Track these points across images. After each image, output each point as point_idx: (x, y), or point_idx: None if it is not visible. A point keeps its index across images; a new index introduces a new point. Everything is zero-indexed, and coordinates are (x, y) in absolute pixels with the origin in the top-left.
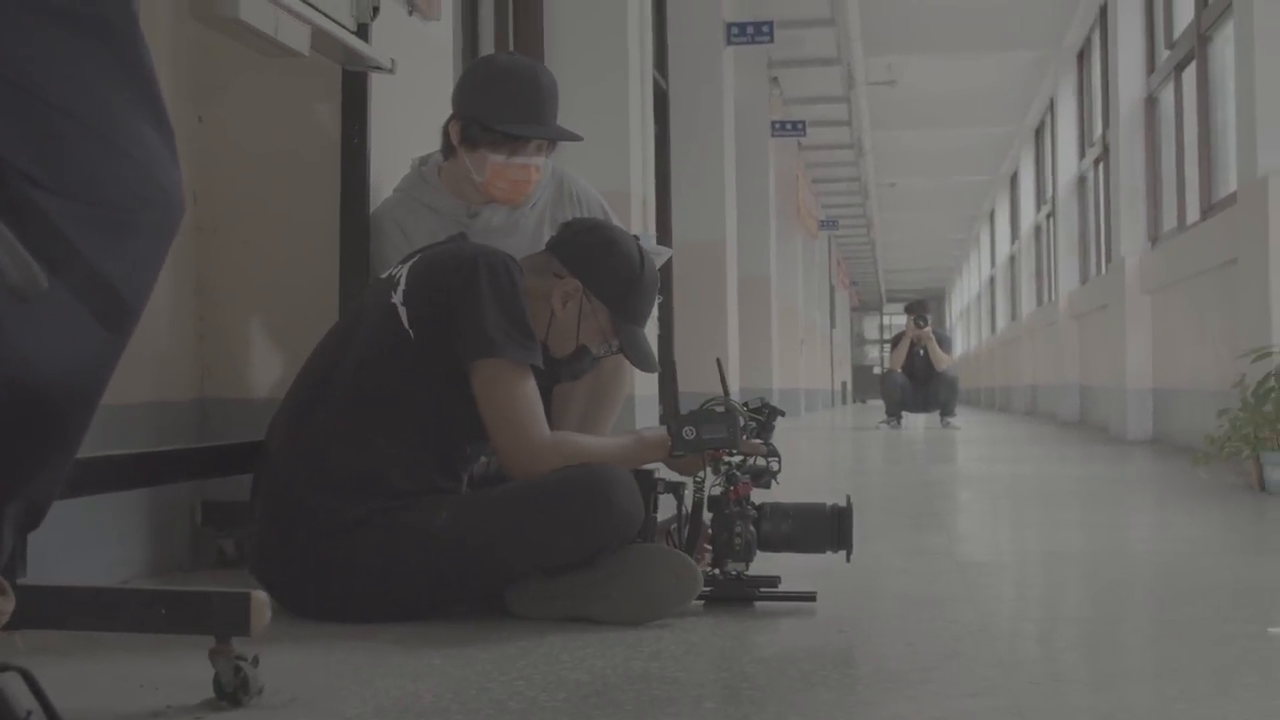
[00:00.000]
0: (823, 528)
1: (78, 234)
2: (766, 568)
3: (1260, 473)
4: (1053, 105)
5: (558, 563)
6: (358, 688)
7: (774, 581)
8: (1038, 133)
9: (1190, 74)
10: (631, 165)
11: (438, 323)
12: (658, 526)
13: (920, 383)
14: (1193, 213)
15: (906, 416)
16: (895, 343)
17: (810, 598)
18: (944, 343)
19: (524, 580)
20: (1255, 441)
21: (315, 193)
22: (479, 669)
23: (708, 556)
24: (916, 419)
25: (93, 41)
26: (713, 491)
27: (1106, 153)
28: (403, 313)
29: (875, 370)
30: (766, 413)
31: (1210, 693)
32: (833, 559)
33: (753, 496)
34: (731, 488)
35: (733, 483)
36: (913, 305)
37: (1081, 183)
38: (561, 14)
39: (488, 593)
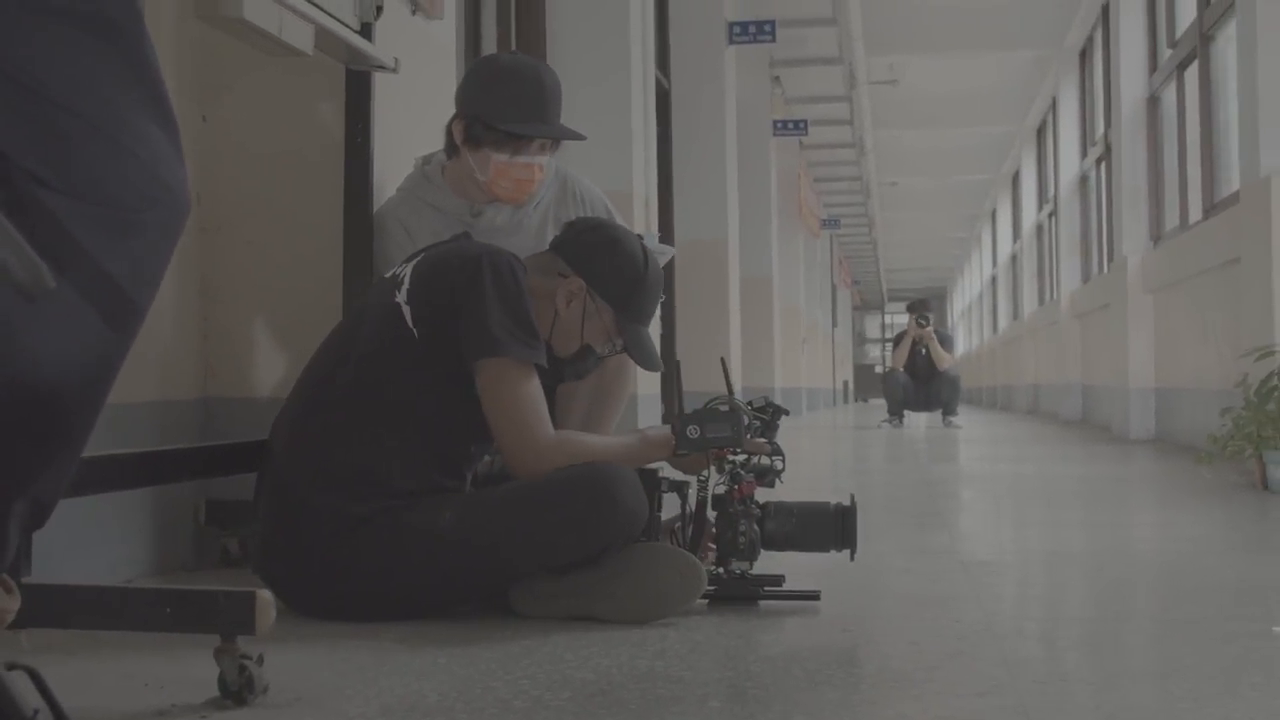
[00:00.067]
0: (827, 527)
1: (84, 233)
2: (770, 566)
3: (1263, 472)
4: (1055, 104)
5: (562, 562)
6: (362, 687)
7: (778, 580)
8: (1039, 132)
9: (1192, 73)
10: (634, 165)
11: (442, 322)
12: (662, 525)
13: (922, 382)
14: (1195, 212)
15: (908, 416)
16: (897, 342)
17: (814, 597)
18: (945, 342)
19: (528, 579)
20: (1258, 440)
21: (319, 192)
22: (483, 668)
23: (712, 555)
24: (918, 418)
25: (98, 41)
26: (717, 490)
27: (1108, 152)
28: (407, 312)
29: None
30: (771, 411)
31: (1216, 692)
32: (835, 558)
33: (757, 495)
34: (736, 486)
35: (737, 481)
36: (914, 304)
37: (1083, 182)
38: (564, 13)
39: (492, 592)
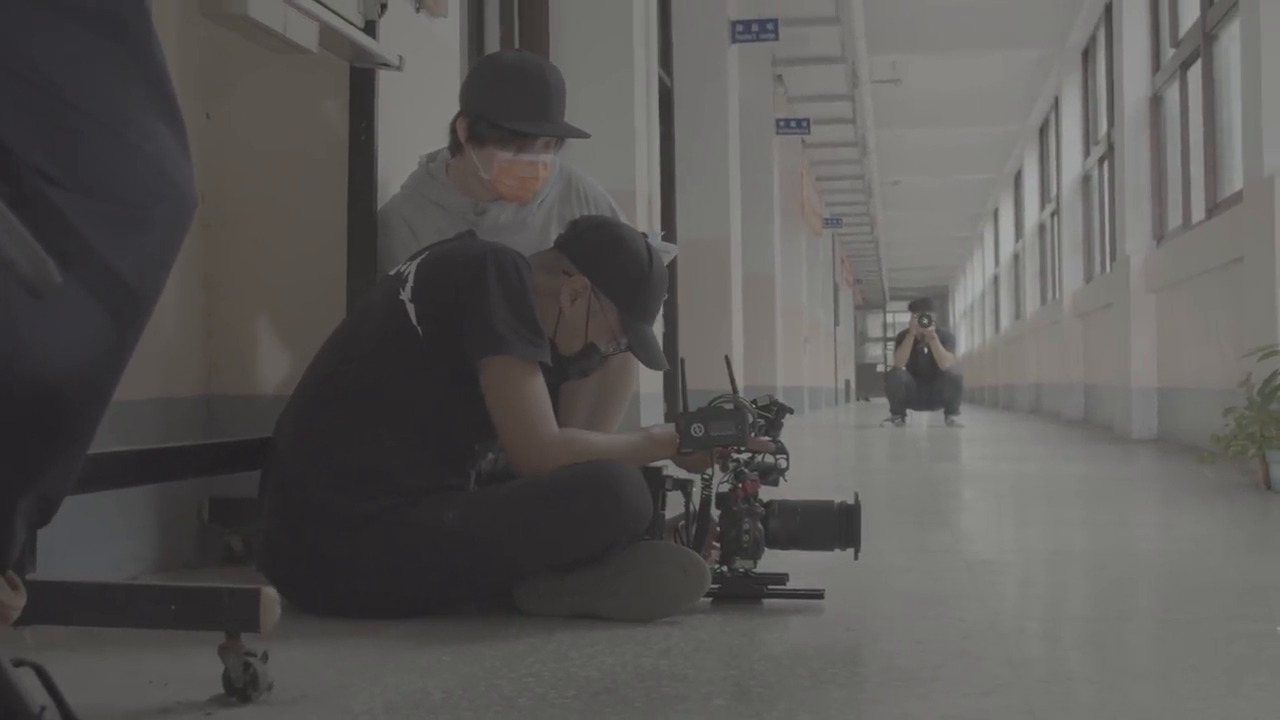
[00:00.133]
0: (831, 525)
1: (91, 230)
2: (774, 565)
3: (1266, 471)
4: (1057, 104)
5: (566, 559)
6: (367, 684)
7: (782, 579)
8: (1042, 131)
9: (1195, 72)
10: (637, 163)
11: (446, 320)
12: (666, 524)
13: (925, 381)
14: (1198, 211)
15: (910, 415)
16: (899, 341)
17: (818, 595)
18: (947, 341)
19: (532, 577)
20: (1261, 440)
21: (323, 190)
22: (488, 666)
23: (716, 554)
24: (920, 417)
25: (106, 38)
26: (721, 488)
27: (1111, 151)
28: (411, 310)
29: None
30: (775, 410)
31: (1222, 693)
32: (839, 557)
33: (761, 494)
34: (740, 485)
35: (741, 480)
36: (916, 303)
37: (1086, 181)
38: (567, 12)
39: (496, 590)
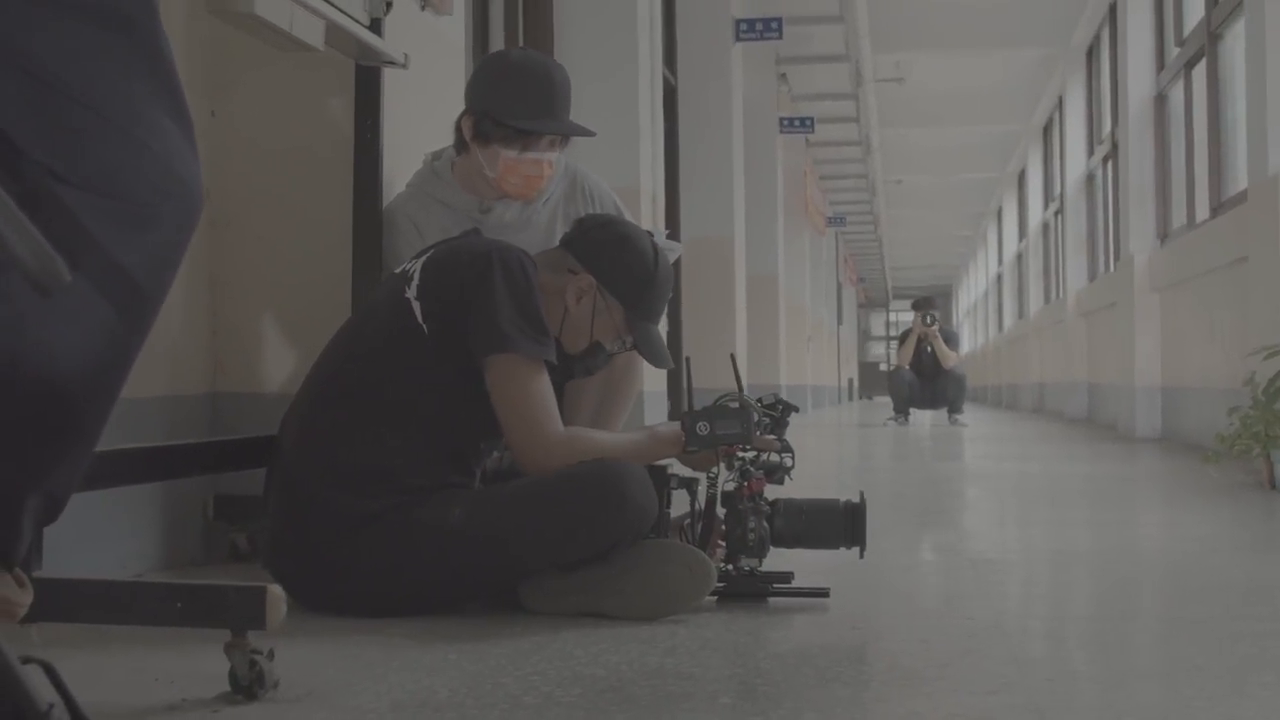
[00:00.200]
0: (836, 524)
1: (98, 227)
2: (779, 564)
3: (1271, 471)
4: (1061, 103)
5: (571, 558)
6: (372, 682)
7: (787, 577)
8: (1046, 130)
9: (1200, 71)
10: (641, 161)
11: (451, 318)
12: (671, 522)
13: (928, 380)
14: (1202, 210)
15: (914, 413)
16: (903, 339)
17: (823, 594)
18: (951, 340)
19: (538, 575)
20: (1266, 439)
21: (328, 188)
22: (493, 664)
23: (721, 552)
24: (924, 416)
25: (112, 34)
26: (726, 487)
27: (1115, 150)
28: (416, 308)
29: (882, 367)
30: (780, 408)
31: (1227, 692)
32: (844, 555)
33: (766, 492)
34: (745, 483)
35: (746, 478)
36: (920, 302)
37: (1090, 180)
38: (571, 10)
39: (501, 588)
